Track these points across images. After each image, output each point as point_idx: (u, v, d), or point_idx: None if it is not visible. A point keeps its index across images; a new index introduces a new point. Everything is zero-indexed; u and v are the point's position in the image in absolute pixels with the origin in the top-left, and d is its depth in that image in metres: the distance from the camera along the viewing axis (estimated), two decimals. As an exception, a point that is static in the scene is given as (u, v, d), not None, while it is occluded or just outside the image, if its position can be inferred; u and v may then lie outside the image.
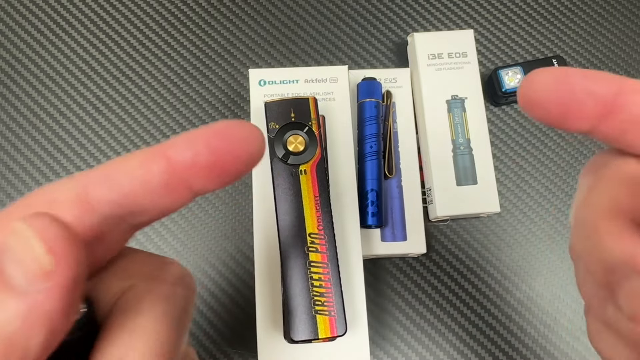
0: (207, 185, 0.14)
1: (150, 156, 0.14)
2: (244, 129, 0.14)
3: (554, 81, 0.14)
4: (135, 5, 0.46)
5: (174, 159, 0.13)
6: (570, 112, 0.14)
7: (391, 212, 0.40)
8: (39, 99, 0.44)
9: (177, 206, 0.14)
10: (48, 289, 0.11)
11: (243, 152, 0.14)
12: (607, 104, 0.14)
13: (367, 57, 0.46)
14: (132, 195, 0.13)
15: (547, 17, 0.47)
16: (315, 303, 0.31)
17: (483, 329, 0.40)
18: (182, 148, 0.13)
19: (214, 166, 0.14)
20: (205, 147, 0.13)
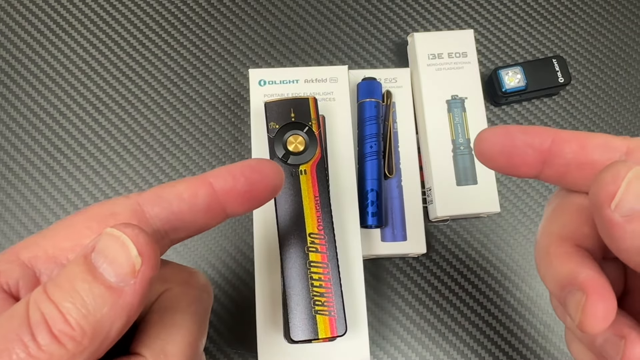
0: (238, 208, 0.18)
1: (196, 182, 0.17)
2: (272, 167, 0.18)
3: (498, 138, 0.17)
4: (135, 5, 0.46)
5: (216, 185, 0.17)
6: (515, 162, 0.17)
7: (391, 212, 0.40)
8: (39, 99, 0.44)
9: (211, 225, 0.18)
10: (133, 284, 0.14)
11: (270, 184, 0.18)
12: (543, 152, 0.17)
13: (367, 57, 0.46)
14: (179, 214, 0.17)
15: (547, 17, 0.47)
16: (315, 303, 0.31)
17: (483, 329, 0.40)
18: (225, 177, 0.17)
19: (247, 194, 0.17)
20: (242, 177, 0.17)
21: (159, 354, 0.16)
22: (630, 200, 0.14)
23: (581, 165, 0.17)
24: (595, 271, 0.16)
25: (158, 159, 0.43)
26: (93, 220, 0.16)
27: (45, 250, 0.16)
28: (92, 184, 0.42)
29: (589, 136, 0.17)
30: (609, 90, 0.46)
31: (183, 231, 0.18)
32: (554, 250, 0.17)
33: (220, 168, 0.17)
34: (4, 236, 0.41)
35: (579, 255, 0.16)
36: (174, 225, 0.17)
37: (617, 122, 0.45)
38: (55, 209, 0.42)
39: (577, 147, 0.17)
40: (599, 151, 0.16)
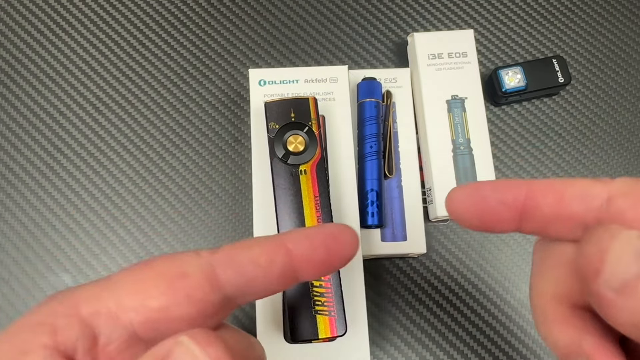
0: (311, 276, 0.16)
1: (273, 247, 0.16)
2: (351, 235, 0.17)
3: (468, 198, 0.16)
4: (135, 5, 0.46)
5: (295, 252, 0.16)
6: (489, 221, 0.16)
7: (391, 212, 0.40)
8: (39, 99, 0.44)
9: (280, 290, 0.16)
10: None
11: (347, 254, 0.17)
12: (518, 208, 0.16)
13: (367, 57, 0.46)
14: (253, 281, 0.15)
15: (547, 17, 0.47)
16: (315, 303, 0.31)
17: (483, 329, 0.40)
18: (303, 244, 0.16)
19: (324, 262, 0.16)
20: (322, 245, 0.16)
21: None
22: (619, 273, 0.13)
23: (560, 218, 0.15)
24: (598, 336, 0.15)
25: (158, 159, 0.43)
26: (162, 278, 0.15)
27: (107, 307, 0.14)
28: (92, 184, 0.42)
29: (565, 185, 0.15)
30: (609, 90, 0.46)
31: (252, 296, 0.16)
32: (552, 315, 0.16)
33: (298, 232, 0.16)
34: (4, 236, 0.41)
35: (578, 318, 0.15)
36: (244, 291, 0.16)
37: (617, 122, 0.45)
38: (55, 209, 0.42)
39: (554, 200, 0.15)
40: (577, 202, 0.15)
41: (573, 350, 0.15)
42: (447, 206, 0.17)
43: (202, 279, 0.15)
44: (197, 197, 0.42)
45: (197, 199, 0.42)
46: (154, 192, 0.42)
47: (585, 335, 0.15)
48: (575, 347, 0.15)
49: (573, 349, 0.15)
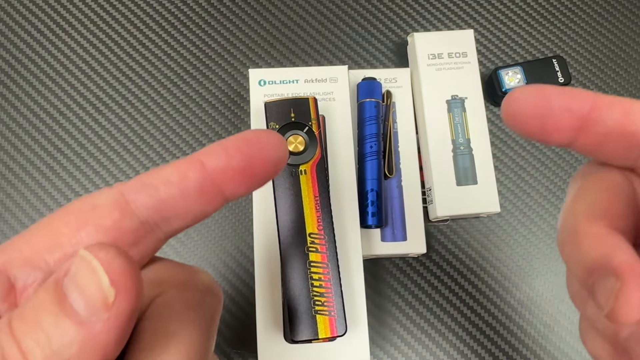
0: (237, 189, 0.15)
1: (185, 163, 0.15)
2: (271, 137, 0.15)
3: (532, 98, 0.15)
4: (135, 5, 0.46)
5: (208, 164, 0.14)
6: (548, 126, 0.15)
7: (391, 212, 0.40)
8: (39, 99, 0.44)
9: (208, 211, 0.15)
10: (106, 319, 0.12)
11: (271, 157, 0.15)
12: (581, 118, 0.15)
13: (367, 57, 0.46)
14: (168, 200, 0.14)
15: (547, 17, 0.47)
16: (315, 303, 0.31)
17: (483, 329, 0.40)
18: (217, 154, 0.15)
19: (245, 170, 0.15)
20: (237, 152, 0.15)
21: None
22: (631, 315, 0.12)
23: (622, 134, 0.15)
24: (631, 255, 0.14)
25: (158, 159, 0.43)
26: (72, 214, 0.14)
27: (20, 252, 0.14)
28: (92, 184, 0.42)
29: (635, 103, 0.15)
30: (609, 90, 0.46)
31: (177, 221, 0.15)
32: (584, 229, 0.15)
33: (212, 144, 0.15)
34: (4, 236, 0.41)
35: (612, 236, 0.15)
36: (165, 215, 0.15)
37: (617, 122, 0.45)
38: (55, 209, 0.42)
39: (620, 115, 0.15)
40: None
41: (601, 264, 0.14)
42: (506, 107, 0.16)
43: (111, 207, 0.14)
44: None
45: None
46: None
47: (617, 252, 0.14)
48: (603, 262, 0.14)
49: (601, 263, 0.14)
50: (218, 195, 0.15)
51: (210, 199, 0.15)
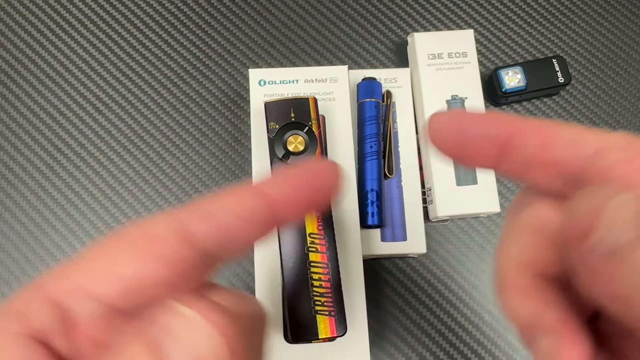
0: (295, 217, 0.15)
1: (248, 193, 0.14)
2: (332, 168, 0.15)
3: (450, 124, 0.15)
4: (135, 5, 0.46)
5: (272, 195, 0.14)
6: (467, 152, 0.15)
7: (391, 212, 0.40)
8: (39, 99, 0.44)
9: (264, 240, 0.15)
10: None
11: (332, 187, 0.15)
12: (500, 145, 0.15)
13: (367, 57, 0.46)
14: (231, 231, 0.14)
15: (547, 17, 0.47)
16: (315, 303, 0.31)
17: (483, 329, 0.40)
18: (281, 185, 0.14)
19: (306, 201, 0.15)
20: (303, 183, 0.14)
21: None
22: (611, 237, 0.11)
23: (543, 162, 0.14)
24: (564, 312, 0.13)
25: (158, 159, 0.43)
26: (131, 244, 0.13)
27: (77, 283, 0.13)
28: (92, 184, 0.42)
29: (555, 129, 0.14)
30: (609, 90, 0.46)
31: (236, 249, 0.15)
32: (513, 282, 0.15)
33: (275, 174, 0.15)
34: (4, 236, 0.41)
35: (542, 290, 0.14)
36: (225, 245, 0.14)
37: (617, 122, 0.45)
38: (55, 209, 0.42)
39: (539, 143, 0.14)
40: (565, 148, 0.14)
41: (533, 323, 0.14)
42: (427, 131, 0.15)
43: (173, 238, 0.13)
44: (197, 197, 0.42)
45: (197, 199, 0.42)
46: (154, 192, 0.42)
47: (548, 308, 0.14)
48: (536, 320, 0.14)
49: (534, 321, 0.14)
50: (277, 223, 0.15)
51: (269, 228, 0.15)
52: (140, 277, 0.13)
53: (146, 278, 0.13)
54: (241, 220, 0.14)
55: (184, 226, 0.14)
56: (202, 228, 0.14)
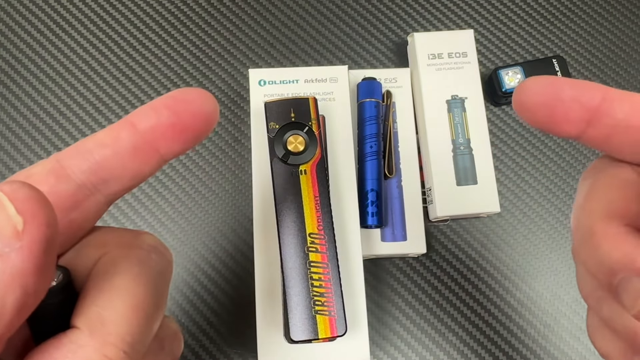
0: (172, 146, 0.16)
1: (117, 125, 0.15)
2: (197, 92, 0.16)
3: (543, 87, 0.15)
4: (135, 5, 0.46)
5: (139, 124, 0.15)
6: (557, 116, 0.15)
7: (391, 212, 0.40)
8: (39, 99, 0.44)
9: (145, 171, 0.16)
10: (19, 248, 0.12)
11: (199, 111, 0.15)
12: (591, 109, 0.15)
13: (367, 57, 0.46)
14: (103, 162, 0.15)
15: (547, 17, 0.47)
16: (315, 303, 0.31)
17: (483, 329, 0.40)
18: (146, 114, 0.15)
19: (175, 126, 0.15)
20: (165, 109, 0.15)
21: (94, 322, 0.14)
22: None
23: (631, 128, 0.15)
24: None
25: (158, 159, 0.43)
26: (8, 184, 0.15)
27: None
28: (92, 184, 0.42)
29: None
30: (609, 90, 0.46)
31: (116, 182, 0.15)
32: (602, 230, 0.15)
33: (142, 106, 0.16)
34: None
35: (633, 236, 0.15)
36: (102, 177, 0.15)
37: (617, 122, 0.45)
38: (55, 209, 0.42)
39: (629, 108, 0.15)
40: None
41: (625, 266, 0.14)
42: (517, 96, 0.16)
43: (46, 174, 0.15)
44: (197, 197, 0.42)
45: (197, 198, 0.42)
46: (154, 192, 0.42)
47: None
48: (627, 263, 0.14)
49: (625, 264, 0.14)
50: (153, 153, 0.15)
51: (145, 158, 0.15)
52: None
53: None
54: (113, 150, 0.15)
55: (58, 163, 0.15)
56: (75, 162, 0.15)
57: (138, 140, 0.15)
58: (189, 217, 0.42)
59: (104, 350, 0.14)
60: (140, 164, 0.15)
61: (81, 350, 0.14)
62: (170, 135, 0.15)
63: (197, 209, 0.42)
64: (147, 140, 0.15)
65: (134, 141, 0.15)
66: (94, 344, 0.14)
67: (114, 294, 0.15)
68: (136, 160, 0.15)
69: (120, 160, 0.15)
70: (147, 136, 0.15)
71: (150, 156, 0.15)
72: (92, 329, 0.14)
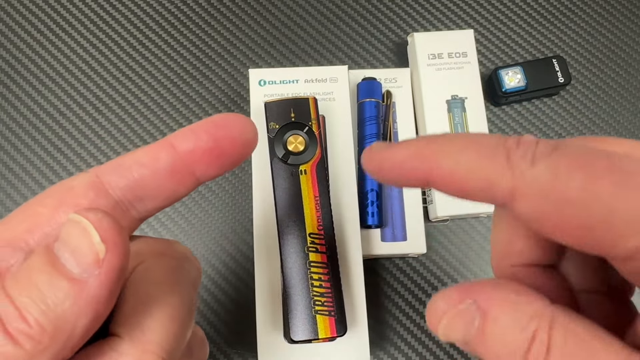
0: (208, 170, 0.16)
1: (157, 146, 0.16)
2: (239, 119, 0.16)
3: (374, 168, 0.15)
4: (135, 5, 0.46)
5: (178, 146, 0.15)
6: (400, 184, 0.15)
7: (391, 212, 0.40)
8: (39, 99, 0.44)
9: (181, 192, 0.16)
10: (97, 275, 0.13)
11: (238, 138, 0.16)
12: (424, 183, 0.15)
13: (367, 57, 0.46)
14: (141, 181, 0.15)
15: (547, 17, 0.47)
16: (315, 303, 0.31)
17: (483, 329, 0.40)
18: (186, 137, 0.16)
19: (213, 151, 0.16)
20: (205, 134, 0.15)
21: (135, 331, 0.14)
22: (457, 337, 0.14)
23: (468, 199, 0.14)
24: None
25: (158, 159, 0.43)
26: (49, 197, 0.15)
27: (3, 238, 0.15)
28: (92, 184, 0.42)
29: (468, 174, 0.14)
30: (609, 90, 0.46)
31: (151, 201, 0.16)
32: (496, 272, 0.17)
33: (182, 128, 0.16)
34: (4, 236, 0.41)
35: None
36: (138, 195, 0.16)
37: (617, 122, 0.45)
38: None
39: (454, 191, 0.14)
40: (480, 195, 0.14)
41: None
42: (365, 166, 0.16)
43: (86, 187, 0.15)
44: (197, 197, 0.42)
45: (197, 199, 0.42)
46: (154, 192, 0.42)
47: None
48: None
49: None
50: (189, 175, 0.16)
51: (181, 180, 0.16)
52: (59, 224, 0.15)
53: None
54: (151, 170, 0.15)
55: (98, 178, 0.15)
56: (114, 179, 0.15)
57: (176, 162, 0.15)
58: (189, 217, 0.42)
59: (144, 357, 0.14)
60: (176, 185, 0.16)
61: (122, 358, 0.14)
62: (207, 159, 0.16)
63: (197, 209, 0.42)
64: (184, 162, 0.15)
65: (172, 163, 0.15)
66: (135, 352, 0.14)
67: (152, 303, 0.15)
68: (173, 181, 0.16)
69: (157, 180, 0.16)
70: (185, 159, 0.15)
71: (186, 178, 0.16)
72: (133, 337, 0.14)
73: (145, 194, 0.16)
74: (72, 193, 0.15)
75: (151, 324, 0.15)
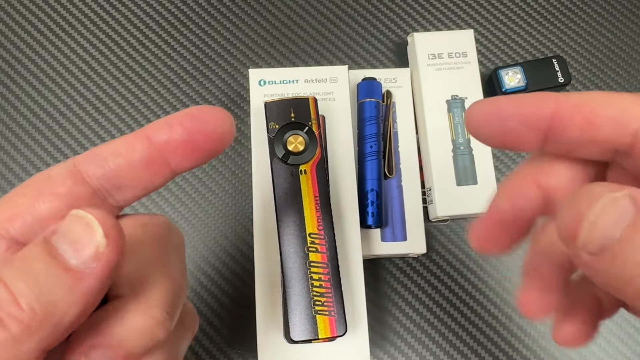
0: (183, 162, 0.16)
1: (132, 137, 0.16)
2: (214, 112, 0.16)
3: (487, 117, 0.15)
4: (135, 5, 0.46)
5: (153, 137, 0.16)
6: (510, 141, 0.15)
7: (391, 212, 0.40)
8: (39, 99, 0.44)
9: (157, 182, 0.16)
10: (95, 267, 0.13)
11: (213, 131, 0.16)
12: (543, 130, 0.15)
13: (367, 57, 0.46)
14: (117, 170, 0.16)
15: (547, 17, 0.47)
16: (315, 303, 0.31)
17: (483, 329, 0.40)
18: (161, 128, 0.16)
19: (188, 143, 0.16)
20: (180, 127, 0.16)
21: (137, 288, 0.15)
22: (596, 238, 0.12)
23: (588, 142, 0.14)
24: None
25: (158, 159, 0.43)
26: (28, 187, 0.15)
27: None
28: (92, 184, 0.42)
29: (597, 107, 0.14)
30: (608, 90, 0.46)
31: (128, 190, 0.16)
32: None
33: (159, 119, 0.16)
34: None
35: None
36: (115, 184, 0.16)
37: (617, 122, 0.45)
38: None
39: (583, 123, 0.14)
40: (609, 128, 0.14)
41: None
42: (467, 124, 0.16)
43: (64, 176, 0.15)
44: (197, 197, 0.42)
45: (197, 198, 0.42)
46: (154, 192, 0.42)
47: None
48: None
49: None
50: (164, 167, 0.16)
51: (157, 171, 0.16)
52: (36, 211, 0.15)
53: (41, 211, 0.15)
54: (127, 160, 0.16)
55: (76, 167, 0.16)
56: (91, 168, 0.16)
57: (151, 153, 0.16)
58: (189, 217, 0.42)
59: (151, 311, 0.15)
60: (152, 175, 0.16)
61: (130, 314, 0.15)
62: (182, 152, 0.16)
63: (196, 209, 0.42)
64: (159, 153, 0.16)
65: (148, 153, 0.16)
66: (142, 307, 0.15)
67: (150, 265, 0.16)
68: (148, 171, 0.16)
69: (133, 170, 0.16)
70: (160, 150, 0.16)
71: (162, 169, 0.16)
72: (137, 294, 0.15)
73: (122, 183, 0.16)
74: (51, 182, 0.15)
75: (153, 282, 0.15)
